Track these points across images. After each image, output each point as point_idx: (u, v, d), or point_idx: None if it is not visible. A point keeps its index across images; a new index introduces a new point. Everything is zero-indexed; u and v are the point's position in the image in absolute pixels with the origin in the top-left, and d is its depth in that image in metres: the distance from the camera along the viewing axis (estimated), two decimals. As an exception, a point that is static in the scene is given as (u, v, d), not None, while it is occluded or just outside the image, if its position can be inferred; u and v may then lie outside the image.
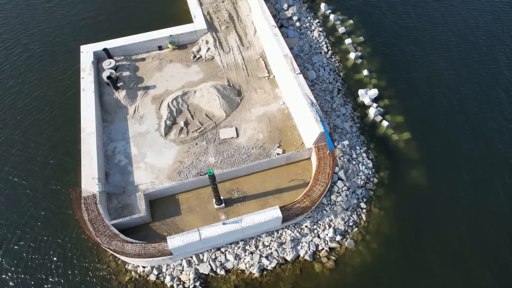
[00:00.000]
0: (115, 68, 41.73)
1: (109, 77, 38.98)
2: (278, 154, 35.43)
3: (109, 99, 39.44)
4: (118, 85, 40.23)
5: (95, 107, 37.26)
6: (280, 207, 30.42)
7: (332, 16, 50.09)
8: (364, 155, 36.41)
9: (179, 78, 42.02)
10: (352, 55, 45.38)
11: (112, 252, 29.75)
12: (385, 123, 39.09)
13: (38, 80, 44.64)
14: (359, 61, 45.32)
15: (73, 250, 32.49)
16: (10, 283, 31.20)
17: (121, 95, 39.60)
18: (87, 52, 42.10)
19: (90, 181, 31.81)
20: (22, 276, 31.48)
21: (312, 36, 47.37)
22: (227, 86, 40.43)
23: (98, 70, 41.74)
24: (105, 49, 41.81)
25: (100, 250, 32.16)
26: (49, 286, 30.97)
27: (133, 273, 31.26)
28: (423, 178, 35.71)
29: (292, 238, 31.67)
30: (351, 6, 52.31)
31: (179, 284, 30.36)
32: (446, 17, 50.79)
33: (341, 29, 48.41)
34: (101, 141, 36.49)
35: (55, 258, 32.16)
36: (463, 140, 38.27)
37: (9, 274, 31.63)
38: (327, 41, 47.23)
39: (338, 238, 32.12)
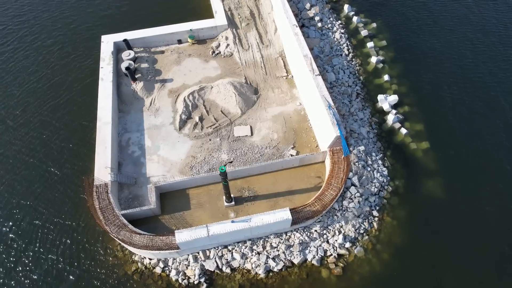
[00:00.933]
0: (134, 60, 42.59)
1: (127, 68, 39.80)
2: (291, 155, 35.55)
3: (126, 90, 40.27)
4: (136, 76, 41.04)
5: (112, 97, 38.13)
6: (290, 209, 30.54)
7: (355, 18, 49.89)
8: (380, 162, 36.20)
9: (196, 73, 42.59)
10: (373, 59, 45.15)
11: (120, 242, 30.42)
12: (403, 131, 38.77)
13: (58, 66, 46.07)
14: (380, 65, 45.02)
15: (83, 236, 33.47)
16: (19, 262, 32.33)
17: (138, 86, 40.37)
18: (107, 42, 43.08)
19: (103, 170, 32.61)
20: (32, 254, 32.62)
21: (334, 37, 47.28)
22: (244, 84, 40.78)
23: (117, 60, 42.64)
24: (125, 40, 42.67)
25: (109, 239, 32.92)
26: (57, 265, 32.07)
27: (139, 264, 31.90)
28: (440, 190, 35.30)
29: (300, 242, 31.77)
30: (376, 9, 51.97)
31: (184, 279, 30.83)
32: (475, 23, 49.87)
33: (364, 32, 48.17)
34: (116, 131, 37.32)
35: (67, 241, 33.29)
36: (485, 153, 37.63)
37: (15, 253, 32.84)
38: (348, 43, 47.09)
39: (347, 245, 32.06)
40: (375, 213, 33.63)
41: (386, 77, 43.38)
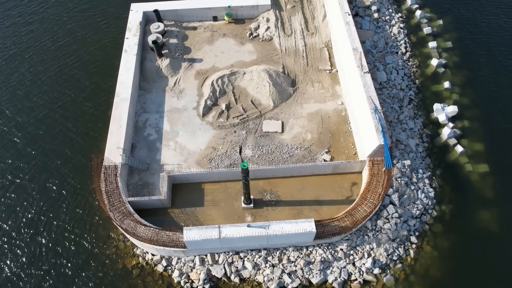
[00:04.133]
0: (163, 33, 43.15)
1: (154, 42, 40.35)
2: (325, 160, 35.00)
3: (150, 65, 40.91)
4: (163, 52, 41.57)
5: (134, 72, 38.85)
6: (316, 221, 30.03)
7: (418, 12, 48.51)
8: (427, 181, 35.03)
9: (229, 55, 42.68)
10: (434, 62, 43.79)
11: (123, 232, 30.95)
12: (459, 149, 37.38)
13: (82, 27, 49.18)
14: (442, 70, 43.57)
15: (89, 214, 35.00)
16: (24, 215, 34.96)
17: (164, 63, 40.90)
18: (136, 11, 43.90)
19: (114, 150, 33.29)
20: (44, 219, 34.72)
21: (391, 32, 46.17)
22: (281, 74, 40.47)
23: (144, 32, 43.43)
24: (155, 11, 43.33)
25: (111, 226, 33.65)
26: (63, 234, 33.92)
27: (140, 258, 32.39)
28: (495, 223, 33.76)
29: (322, 259, 31.22)
30: (444, 3, 50.25)
31: (186, 282, 31.02)
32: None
33: (427, 29, 46.80)
34: (134, 110, 38.02)
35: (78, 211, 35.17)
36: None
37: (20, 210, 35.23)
38: (407, 40, 45.88)
39: (376, 271, 31.23)
40: (413, 239, 32.61)
41: (446, 84, 41.96)
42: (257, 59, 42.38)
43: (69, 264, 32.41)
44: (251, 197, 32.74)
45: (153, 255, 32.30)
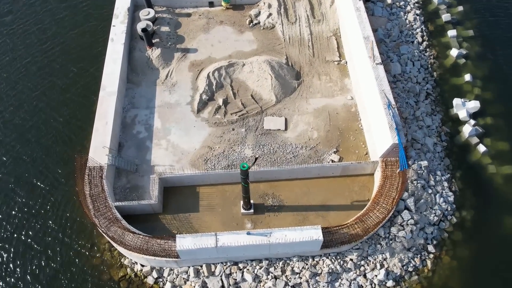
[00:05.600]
0: (153, 21, 42.79)
1: (144, 30, 39.89)
2: (332, 161, 34.71)
3: (139, 56, 40.54)
4: (153, 41, 41.22)
5: (122, 63, 38.40)
6: (323, 228, 29.69)
7: (436, -2, 48.46)
8: (446, 184, 34.78)
9: (227, 45, 42.39)
10: (454, 52, 43.65)
11: (109, 240, 30.59)
12: (481, 148, 37.21)
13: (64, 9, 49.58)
14: (462, 61, 43.52)
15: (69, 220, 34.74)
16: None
17: (154, 53, 40.53)
18: (124, -4, 43.49)
19: (99, 149, 32.82)
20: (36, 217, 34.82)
21: (406, 19, 45.98)
22: (284, 65, 40.19)
23: (133, 19, 43.03)
24: (146, -5, 42.87)
25: (97, 234, 33.30)
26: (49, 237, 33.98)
27: (128, 269, 32.07)
28: (522, 230, 33.61)
29: (330, 271, 30.91)
30: (465, -12, 50.05)
31: (180, 296, 30.71)
32: None
33: (446, 16, 46.64)
34: (121, 105, 37.64)
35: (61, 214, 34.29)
36: None
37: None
38: (423, 28, 45.71)
39: (389, 283, 30.95)
40: (430, 248, 32.44)
41: (467, 77, 41.87)
42: (257, 49, 42.11)
43: (48, 275, 32.08)
44: (251, 201, 32.44)
45: (142, 265, 31.99)
